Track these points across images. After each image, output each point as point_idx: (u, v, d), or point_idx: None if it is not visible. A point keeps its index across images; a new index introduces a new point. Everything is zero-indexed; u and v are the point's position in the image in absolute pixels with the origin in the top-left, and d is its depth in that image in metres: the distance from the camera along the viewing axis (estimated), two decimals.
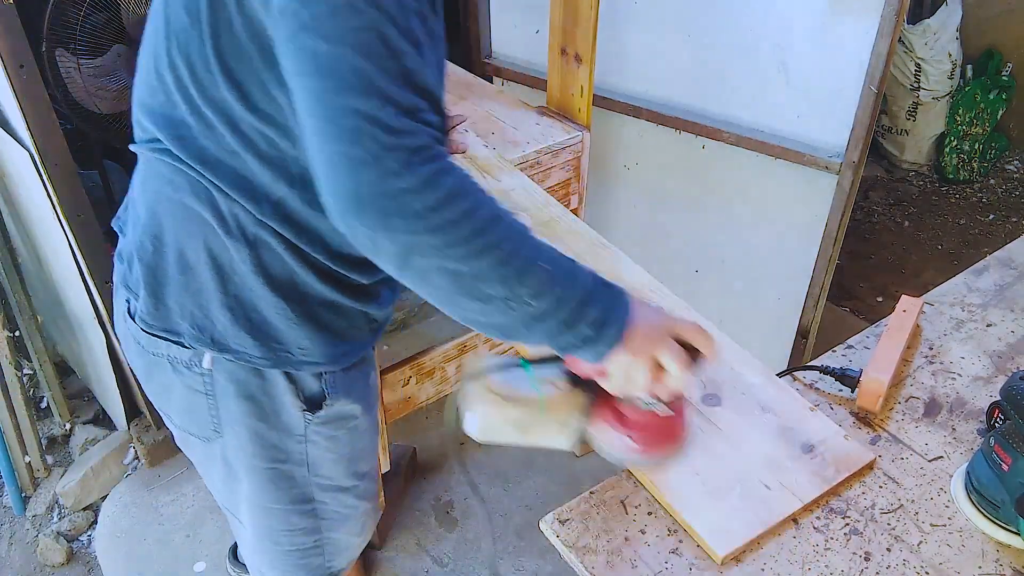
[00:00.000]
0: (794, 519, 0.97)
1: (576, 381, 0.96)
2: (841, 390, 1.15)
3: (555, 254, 0.86)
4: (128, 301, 1.12)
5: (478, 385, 0.97)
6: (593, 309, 0.86)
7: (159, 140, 0.98)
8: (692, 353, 0.91)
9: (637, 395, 0.93)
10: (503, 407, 0.96)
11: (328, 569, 1.41)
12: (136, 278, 1.08)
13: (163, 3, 0.95)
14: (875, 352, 1.15)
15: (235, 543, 1.86)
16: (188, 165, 0.97)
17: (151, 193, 1.04)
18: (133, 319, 1.11)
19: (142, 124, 1.01)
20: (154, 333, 1.09)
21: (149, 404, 2.08)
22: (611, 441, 0.97)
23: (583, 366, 0.93)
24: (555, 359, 0.97)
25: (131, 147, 1.06)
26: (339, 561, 1.42)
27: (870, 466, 1.03)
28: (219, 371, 1.09)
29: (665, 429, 0.99)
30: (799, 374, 1.18)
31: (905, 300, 1.25)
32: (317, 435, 1.19)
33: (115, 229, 1.17)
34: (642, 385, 0.90)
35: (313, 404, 1.15)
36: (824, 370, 1.16)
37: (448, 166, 0.79)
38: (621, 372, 0.90)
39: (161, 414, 1.23)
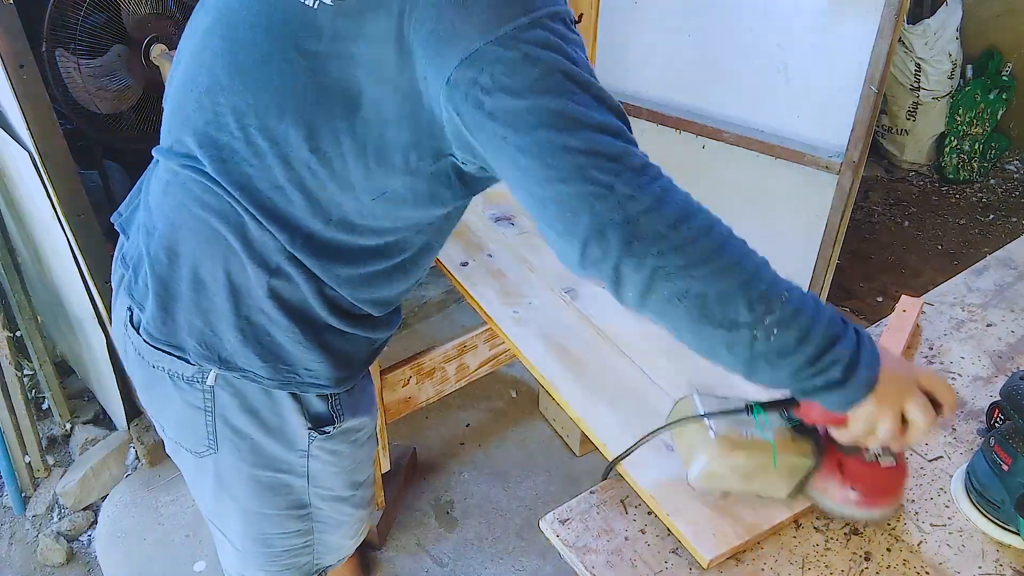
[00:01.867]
0: (795, 520, 0.97)
1: (801, 427, 0.91)
2: None
3: (792, 284, 0.80)
4: (131, 310, 1.10)
5: (700, 429, 0.91)
6: (842, 349, 0.79)
7: (196, 159, 0.97)
8: (935, 407, 0.86)
9: (869, 446, 0.88)
10: (731, 454, 0.90)
11: (316, 566, 1.41)
12: (143, 288, 1.06)
13: (222, 24, 0.93)
14: None
15: None
16: (224, 189, 0.96)
17: (173, 206, 1.02)
18: (136, 329, 1.09)
19: (179, 137, 0.99)
20: (158, 347, 1.07)
21: None
22: (832, 492, 0.93)
23: (816, 412, 0.87)
24: (781, 403, 0.92)
25: (155, 151, 1.04)
26: (328, 560, 1.42)
27: None
28: (222, 386, 1.08)
29: (889, 481, 0.95)
30: None
31: (905, 300, 1.25)
32: (320, 450, 1.18)
33: (116, 226, 1.16)
34: (884, 437, 0.84)
35: (319, 422, 1.15)
36: None
37: (671, 181, 0.78)
38: (864, 422, 0.83)
39: (155, 423, 1.22)
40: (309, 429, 1.14)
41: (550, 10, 0.79)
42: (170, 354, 1.06)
